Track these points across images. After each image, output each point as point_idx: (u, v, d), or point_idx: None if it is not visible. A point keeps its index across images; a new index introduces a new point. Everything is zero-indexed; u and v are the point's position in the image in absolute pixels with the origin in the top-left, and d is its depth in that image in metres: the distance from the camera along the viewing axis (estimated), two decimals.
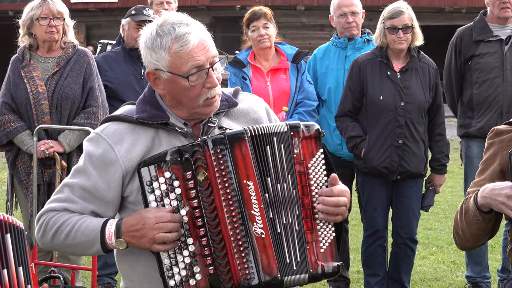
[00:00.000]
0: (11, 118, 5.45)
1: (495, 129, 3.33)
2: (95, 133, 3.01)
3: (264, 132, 2.90)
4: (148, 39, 2.93)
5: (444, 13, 23.10)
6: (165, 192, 2.84)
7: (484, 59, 5.99)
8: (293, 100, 5.97)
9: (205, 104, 2.96)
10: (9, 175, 5.68)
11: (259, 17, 5.94)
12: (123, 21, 6.16)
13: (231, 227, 2.81)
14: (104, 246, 2.88)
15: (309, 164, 2.95)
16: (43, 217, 2.98)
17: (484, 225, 3.14)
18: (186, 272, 2.83)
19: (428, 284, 6.64)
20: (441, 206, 9.80)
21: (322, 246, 2.93)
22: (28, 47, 5.57)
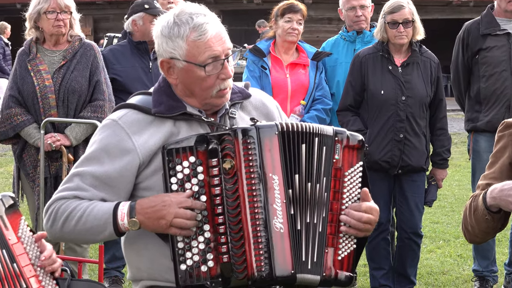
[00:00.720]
0: (18, 111, 5.46)
1: (505, 122, 3.33)
2: (111, 120, 3.00)
3: (300, 130, 2.91)
4: (165, 28, 2.94)
5: (452, 6, 23.04)
6: (187, 176, 2.84)
7: (492, 53, 5.98)
8: (311, 96, 6.02)
9: (217, 95, 2.98)
10: (16, 168, 5.70)
11: (297, 11, 6.02)
12: (135, 16, 6.09)
13: (251, 218, 2.81)
14: (117, 228, 2.87)
15: (346, 172, 2.98)
16: (52, 206, 2.96)
17: (493, 224, 3.16)
18: (199, 258, 2.84)
19: (435, 278, 6.64)
20: (448, 200, 9.78)
21: (341, 254, 2.96)
22: (35, 40, 5.58)
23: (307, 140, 2.92)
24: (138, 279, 3.08)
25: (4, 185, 10.62)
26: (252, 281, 2.80)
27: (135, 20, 6.10)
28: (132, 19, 6.10)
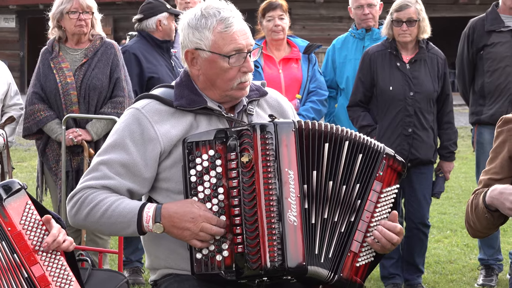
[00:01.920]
0: (41, 108, 5.49)
1: (503, 118, 3.32)
2: (135, 109, 3.00)
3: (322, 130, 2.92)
4: (192, 19, 2.97)
5: (459, 5, 22.96)
6: (206, 169, 2.85)
7: (496, 49, 5.97)
8: (305, 89, 5.99)
9: (238, 87, 3.00)
10: (39, 162, 5.72)
11: (276, 8, 5.95)
12: (160, 16, 6.04)
13: (266, 210, 2.82)
14: (140, 229, 2.88)
15: (384, 189, 2.99)
16: (78, 194, 2.95)
17: (493, 221, 3.16)
18: (214, 248, 2.85)
19: (442, 266, 6.63)
20: (455, 191, 9.77)
21: (360, 261, 2.96)
22: (57, 39, 5.60)
23: (331, 140, 2.93)
24: (156, 267, 3.09)
25: (28, 179, 10.64)
26: (264, 271, 2.80)
27: (161, 20, 6.06)
28: (157, 19, 6.05)
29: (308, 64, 6.05)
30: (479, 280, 6.11)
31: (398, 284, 5.83)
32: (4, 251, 2.75)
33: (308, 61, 6.06)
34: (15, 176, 10.38)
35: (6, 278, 2.70)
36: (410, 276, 5.89)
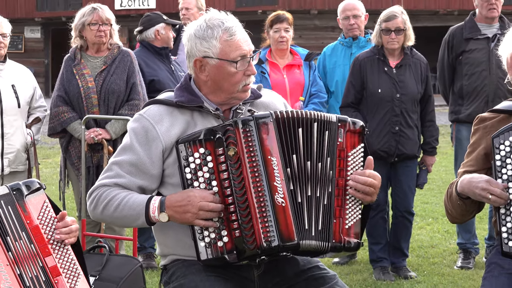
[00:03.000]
0: (64, 109, 5.50)
1: (479, 117, 3.32)
2: (138, 115, 3.03)
3: (295, 116, 2.91)
4: (198, 31, 2.96)
5: (439, 15, 22.95)
6: (199, 166, 2.85)
7: (473, 55, 5.98)
8: (307, 92, 6.01)
9: (242, 89, 2.99)
10: (62, 159, 5.74)
11: (283, 21, 5.99)
12: (157, 26, 6.08)
13: (255, 196, 2.82)
14: (148, 219, 2.88)
15: (350, 153, 2.97)
16: (95, 192, 2.98)
17: (465, 207, 3.16)
18: (215, 235, 2.85)
19: (425, 251, 6.63)
20: (436, 183, 9.78)
21: (348, 223, 2.94)
22: (79, 48, 5.61)
23: (303, 124, 2.92)
24: (165, 254, 3.10)
25: (52, 174, 10.66)
26: (261, 250, 2.80)
27: (158, 30, 6.10)
28: (155, 29, 6.09)
29: (309, 70, 6.08)
30: (458, 262, 6.11)
31: (385, 267, 5.83)
32: (24, 241, 2.75)
33: (309, 67, 6.09)
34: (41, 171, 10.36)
35: (25, 264, 2.70)
36: (396, 260, 5.90)
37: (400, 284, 5.64)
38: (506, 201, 2.97)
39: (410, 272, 5.83)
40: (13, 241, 2.70)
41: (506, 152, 3.01)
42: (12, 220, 2.73)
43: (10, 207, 2.75)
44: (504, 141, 3.02)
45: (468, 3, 21.67)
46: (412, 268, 5.96)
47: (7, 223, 2.72)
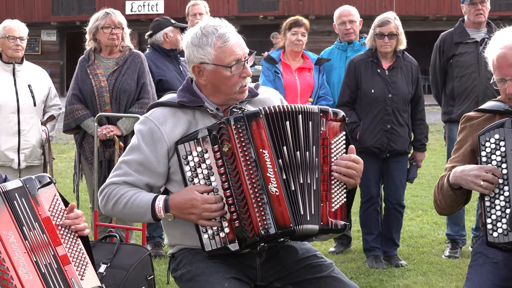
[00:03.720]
0: (79, 107, 5.48)
1: (466, 116, 3.33)
2: (144, 117, 3.03)
3: (282, 110, 2.90)
4: (194, 38, 2.95)
5: (429, 21, 22.94)
6: (197, 164, 2.85)
7: (463, 58, 5.96)
8: (316, 94, 6.00)
9: (239, 91, 2.98)
10: (77, 153, 5.73)
11: (301, 25, 6.00)
12: (166, 30, 6.08)
13: (251, 187, 2.81)
14: (155, 217, 2.90)
15: (332, 140, 2.95)
16: (105, 190, 2.99)
17: (456, 198, 3.15)
18: (217, 227, 2.85)
19: (415, 241, 6.62)
20: (426, 177, 9.77)
21: (334, 206, 2.92)
22: (93, 49, 5.60)
23: (290, 117, 2.91)
24: (173, 244, 3.10)
25: (67, 168, 10.66)
26: (260, 238, 2.80)
27: (167, 33, 6.09)
28: (164, 32, 6.08)
29: (318, 74, 6.06)
30: (446, 252, 6.10)
31: (378, 256, 5.82)
32: (37, 230, 2.75)
33: (319, 71, 6.08)
34: (56, 165, 10.39)
35: (39, 252, 2.69)
36: (388, 249, 5.89)
37: (391, 271, 5.63)
38: (494, 187, 2.97)
39: (401, 261, 5.83)
40: (28, 231, 2.69)
41: (491, 149, 3.02)
42: (26, 211, 2.73)
43: (24, 199, 2.75)
44: (490, 139, 3.02)
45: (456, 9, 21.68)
46: (403, 257, 5.95)
47: (21, 214, 2.71)
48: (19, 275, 2.55)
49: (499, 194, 2.98)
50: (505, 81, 3.10)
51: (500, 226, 2.96)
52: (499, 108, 3.21)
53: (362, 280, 5.41)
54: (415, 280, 5.41)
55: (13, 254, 2.57)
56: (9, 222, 2.63)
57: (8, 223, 2.62)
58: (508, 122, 3.01)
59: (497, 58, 3.12)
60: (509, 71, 3.07)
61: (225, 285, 2.84)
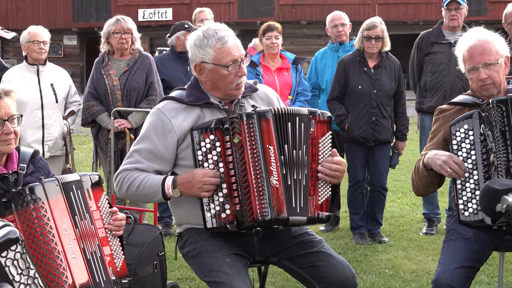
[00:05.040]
0: (94, 104, 5.48)
1: (439, 108, 3.34)
2: (157, 109, 3.01)
3: (287, 112, 2.90)
4: (197, 40, 2.95)
5: (407, 25, 22.87)
6: (209, 150, 2.84)
7: (436, 56, 5.95)
8: (294, 91, 5.96)
9: (235, 88, 2.97)
10: (94, 145, 5.74)
11: (273, 29, 5.93)
12: (178, 33, 6.03)
13: (254, 177, 2.79)
14: (165, 195, 2.88)
15: (320, 140, 2.94)
16: (119, 176, 2.98)
17: (430, 179, 3.15)
18: (220, 208, 2.84)
19: (396, 220, 6.62)
20: (406, 164, 9.76)
21: (320, 199, 2.92)
22: (107, 52, 5.58)
23: (291, 119, 2.90)
24: (180, 223, 3.10)
25: (87, 157, 10.64)
26: (257, 223, 2.80)
27: (179, 36, 6.04)
28: (176, 36, 6.05)
29: (296, 72, 6.02)
30: (423, 229, 6.10)
31: (363, 233, 5.82)
32: (87, 220, 2.74)
33: (296, 70, 6.04)
34: (77, 155, 10.38)
35: (88, 240, 2.69)
36: (372, 227, 5.88)
37: (375, 247, 5.63)
38: (460, 176, 2.97)
39: (383, 238, 5.82)
40: (79, 220, 2.69)
41: (461, 138, 3.02)
42: (80, 202, 2.73)
43: (79, 191, 2.75)
44: (460, 129, 3.03)
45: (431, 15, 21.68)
46: (385, 234, 5.95)
47: (75, 204, 2.71)
48: (68, 259, 2.55)
49: (469, 178, 2.99)
50: (477, 69, 3.10)
51: (471, 206, 2.96)
52: (468, 101, 3.22)
53: (349, 255, 5.41)
54: (396, 255, 5.41)
55: (65, 239, 2.57)
56: (64, 211, 2.63)
57: (63, 211, 2.62)
58: (475, 114, 3.01)
59: (468, 50, 3.13)
60: (480, 59, 3.09)
61: (226, 260, 2.84)
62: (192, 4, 21.57)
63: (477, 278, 4.72)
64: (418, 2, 22.66)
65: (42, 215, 2.55)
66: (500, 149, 2.93)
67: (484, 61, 3.08)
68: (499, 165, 2.92)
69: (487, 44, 3.11)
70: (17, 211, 2.54)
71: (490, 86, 3.11)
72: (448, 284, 2.87)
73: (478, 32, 3.17)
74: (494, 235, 3.07)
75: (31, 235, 2.50)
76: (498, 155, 2.93)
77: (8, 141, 2.72)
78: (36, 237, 2.50)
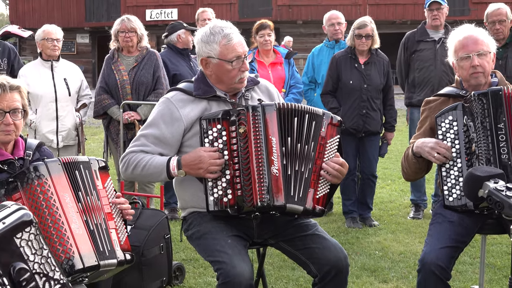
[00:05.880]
0: (105, 97, 5.46)
1: (425, 100, 3.37)
2: (166, 98, 2.99)
3: (294, 108, 2.87)
4: (204, 36, 2.93)
5: (396, 24, 22.82)
6: (215, 138, 2.83)
7: (423, 53, 5.93)
8: (287, 84, 5.94)
9: (238, 82, 2.96)
10: (105, 135, 5.71)
11: (266, 27, 5.91)
12: (179, 32, 6.01)
13: (256, 165, 2.78)
14: (169, 174, 2.86)
15: (328, 141, 2.92)
16: (125, 157, 2.96)
17: (418, 165, 3.15)
18: (222, 192, 2.82)
19: (385, 205, 6.62)
20: (394, 153, 9.76)
21: (319, 194, 2.90)
22: (116, 49, 5.55)
23: (298, 115, 2.88)
24: (184, 207, 3.08)
25: (98, 147, 10.62)
26: (256, 208, 2.79)
27: (180, 34, 6.01)
28: (177, 34, 6.01)
29: (288, 66, 6.01)
30: (410, 214, 6.11)
31: (355, 218, 5.82)
32: (94, 197, 2.74)
33: (289, 64, 6.02)
34: (89, 145, 10.37)
35: (92, 214, 2.69)
36: (363, 212, 5.88)
37: (366, 230, 5.63)
38: (447, 161, 2.97)
39: (373, 221, 5.82)
40: (84, 196, 2.69)
41: (446, 128, 3.02)
42: (87, 180, 2.73)
43: (87, 171, 2.75)
44: (445, 120, 3.03)
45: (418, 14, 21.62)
46: (375, 218, 5.95)
47: (81, 181, 2.70)
48: (72, 228, 2.56)
49: (454, 166, 2.99)
50: (470, 57, 3.10)
51: (455, 192, 2.96)
52: (452, 92, 3.22)
53: (341, 237, 5.41)
54: (385, 237, 5.41)
55: (68, 211, 2.58)
56: (66, 186, 2.63)
57: (65, 187, 2.63)
58: (459, 106, 3.02)
59: (462, 40, 3.14)
60: (473, 47, 3.09)
61: (228, 241, 2.83)
62: (195, 5, 21.49)
63: (460, 259, 4.73)
64: (406, 3, 22.62)
65: (46, 190, 2.57)
66: (481, 139, 2.93)
67: (478, 50, 3.09)
68: (480, 154, 2.92)
69: (480, 36, 3.13)
70: (23, 188, 2.56)
71: (480, 74, 3.11)
72: (434, 262, 2.87)
73: (470, 27, 3.19)
74: (477, 219, 3.07)
75: (37, 208, 2.52)
76: (479, 144, 2.93)
77: (7, 131, 2.74)
78: (42, 210, 2.53)
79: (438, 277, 2.86)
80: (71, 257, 2.50)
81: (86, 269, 2.53)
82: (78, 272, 2.51)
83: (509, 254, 4.87)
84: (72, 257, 2.50)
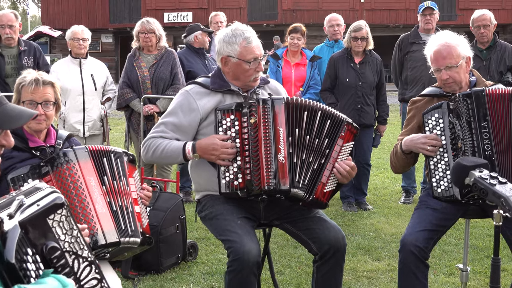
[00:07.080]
0: (127, 91, 5.46)
1: (412, 100, 3.33)
2: (185, 90, 3.00)
3: (304, 104, 2.85)
4: (226, 37, 2.93)
5: (390, 28, 22.70)
6: (228, 127, 2.82)
7: (415, 54, 5.89)
8: (307, 84, 5.91)
9: (253, 80, 2.96)
10: (127, 126, 5.72)
11: (297, 31, 5.91)
12: (196, 33, 5.99)
13: (265, 153, 2.77)
14: (185, 157, 2.88)
15: (344, 145, 2.91)
16: (146, 142, 2.98)
17: (407, 161, 3.13)
18: (233, 176, 2.82)
19: (378, 191, 6.61)
20: (386, 144, 9.72)
21: (327, 188, 2.89)
22: (138, 48, 5.54)
23: (308, 110, 2.86)
24: (199, 190, 3.08)
25: (120, 136, 10.62)
26: (263, 191, 2.78)
27: (197, 35, 6.00)
28: (194, 35, 6.00)
29: (311, 68, 5.98)
30: (401, 199, 6.10)
31: (351, 202, 5.81)
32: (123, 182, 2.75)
33: (311, 66, 5.98)
34: (112, 135, 10.37)
35: (117, 197, 2.68)
36: (358, 197, 5.88)
37: (361, 214, 5.62)
38: (438, 150, 2.95)
39: (368, 206, 5.82)
40: (110, 180, 2.68)
41: (433, 125, 3.00)
42: (117, 168, 2.72)
43: (118, 160, 2.75)
44: (431, 117, 3.00)
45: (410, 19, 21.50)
46: (369, 203, 5.94)
47: (108, 167, 2.70)
48: (96, 208, 2.56)
49: (441, 159, 2.96)
50: (440, 70, 3.07)
51: (443, 184, 2.95)
52: (436, 92, 3.20)
53: (339, 220, 5.41)
54: (379, 220, 5.40)
55: (93, 193, 2.59)
56: (91, 171, 2.63)
57: (91, 171, 2.63)
58: (444, 104, 2.99)
59: (433, 53, 3.10)
60: (443, 62, 3.05)
61: (238, 222, 2.83)
62: (209, 9, 21.45)
63: (446, 240, 4.72)
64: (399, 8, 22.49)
65: (74, 173, 2.58)
66: (466, 137, 2.91)
67: (446, 64, 3.04)
68: (466, 150, 2.90)
69: (449, 48, 3.04)
70: (53, 171, 2.58)
71: (451, 84, 3.09)
72: (413, 243, 2.88)
73: (443, 37, 3.11)
74: (461, 206, 3.05)
75: (65, 190, 2.54)
76: (465, 142, 2.91)
77: (38, 120, 2.75)
78: (69, 191, 2.54)
79: (416, 256, 2.87)
80: (95, 233, 2.51)
81: (108, 245, 2.54)
82: (100, 247, 2.52)
83: (491, 236, 4.86)
84: (96, 233, 2.51)
